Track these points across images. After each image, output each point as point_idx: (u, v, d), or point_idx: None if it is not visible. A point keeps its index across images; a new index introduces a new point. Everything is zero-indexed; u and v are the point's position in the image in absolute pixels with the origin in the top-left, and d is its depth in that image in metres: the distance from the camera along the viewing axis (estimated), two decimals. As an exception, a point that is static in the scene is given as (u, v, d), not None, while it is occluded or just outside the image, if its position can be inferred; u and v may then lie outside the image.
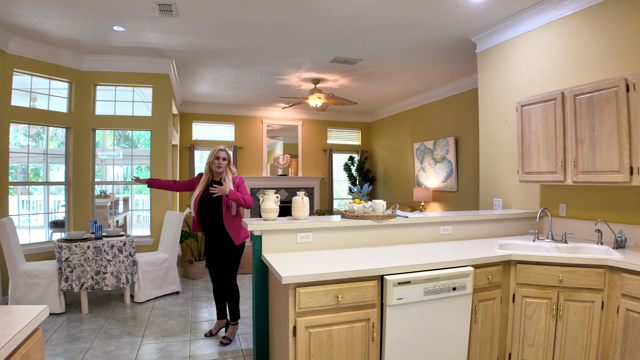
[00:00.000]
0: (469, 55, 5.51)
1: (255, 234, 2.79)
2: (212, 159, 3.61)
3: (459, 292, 2.71)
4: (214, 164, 3.59)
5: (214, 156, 3.61)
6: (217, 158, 3.60)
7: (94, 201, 5.64)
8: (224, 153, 3.63)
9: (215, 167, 3.59)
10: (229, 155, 3.68)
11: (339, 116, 10.03)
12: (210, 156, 3.63)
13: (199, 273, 5.83)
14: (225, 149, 3.67)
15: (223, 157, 3.61)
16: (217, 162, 3.59)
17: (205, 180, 3.68)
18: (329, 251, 2.93)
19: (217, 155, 3.61)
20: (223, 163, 3.60)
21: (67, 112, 5.42)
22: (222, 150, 3.63)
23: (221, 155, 3.61)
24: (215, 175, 3.67)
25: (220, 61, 5.72)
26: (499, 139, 4.60)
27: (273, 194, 3.04)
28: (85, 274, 4.27)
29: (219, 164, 3.59)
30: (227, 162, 3.65)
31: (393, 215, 3.22)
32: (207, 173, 3.68)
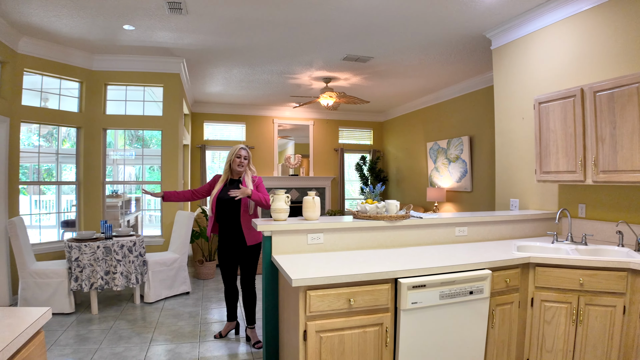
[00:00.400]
0: (483, 52, 5.39)
1: (265, 234, 2.72)
2: (232, 157, 3.57)
3: (476, 296, 2.61)
4: (235, 163, 3.55)
5: (235, 154, 3.57)
6: (239, 157, 3.57)
7: (105, 201, 5.63)
8: (244, 152, 3.60)
9: (236, 166, 3.55)
10: (249, 154, 3.65)
11: (351, 115, 9.94)
12: (231, 154, 3.58)
13: (210, 273, 5.79)
14: (246, 148, 3.64)
15: (244, 156, 3.58)
16: (239, 160, 3.55)
17: (224, 179, 3.64)
18: (341, 253, 2.84)
19: (238, 153, 3.57)
20: (244, 162, 3.58)
21: (77, 112, 5.42)
22: (243, 148, 3.60)
23: (242, 154, 3.57)
24: (234, 174, 3.63)
25: (231, 60, 5.68)
26: (516, 137, 4.47)
27: (283, 193, 2.97)
28: (95, 274, 4.25)
29: (240, 163, 3.55)
30: (247, 160, 3.61)
31: (407, 216, 3.13)
32: (226, 172, 3.64)
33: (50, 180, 8.35)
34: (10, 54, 4.56)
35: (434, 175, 7.92)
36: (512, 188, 4.58)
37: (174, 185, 5.72)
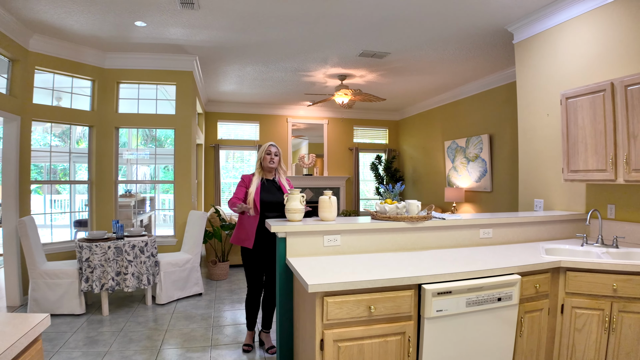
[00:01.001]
0: (504, 47, 5.19)
1: (279, 235, 2.58)
2: (263, 155, 3.41)
3: (504, 303, 2.43)
4: (266, 160, 3.40)
5: (265, 151, 3.41)
6: (269, 153, 3.41)
7: (117, 200, 5.57)
8: (274, 148, 3.44)
9: (267, 163, 3.39)
10: (280, 151, 3.49)
11: (366, 114, 9.77)
12: (261, 152, 3.43)
13: (223, 274, 5.68)
14: (276, 145, 3.49)
15: (275, 152, 3.43)
16: (269, 157, 3.40)
17: (259, 178, 3.44)
18: (359, 256, 2.69)
19: (268, 150, 3.42)
20: (275, 159, 3.42)
21: (89, 111, 5.36)
22: (273, 145, 3.45)
23: (273, 151, 3.42)
24: (266, 172, 3.47)
25: (244, 57, 5.56)
26: (540, 135, 4.28)
27: (298, 193, 2.83)
28: (106, 275, 4.17)
29: (272, 159, 3.40)
30: (278, 157, 3.45)
31: (429, 217, 2.96)
32: (259, 171, 3.46)
33: (63, 179, 8.37)
34: (21, 52, 4.51)
35: (452, 175, 7.71)
36: (537, 188, 4.38)
37: (186, 185, 5.63)
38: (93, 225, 5.35)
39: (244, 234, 3.39)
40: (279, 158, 3.46)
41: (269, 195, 3.37)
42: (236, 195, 3.39)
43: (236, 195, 3.38)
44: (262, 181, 3.43)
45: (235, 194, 3.40)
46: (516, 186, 6.14)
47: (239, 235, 3.43)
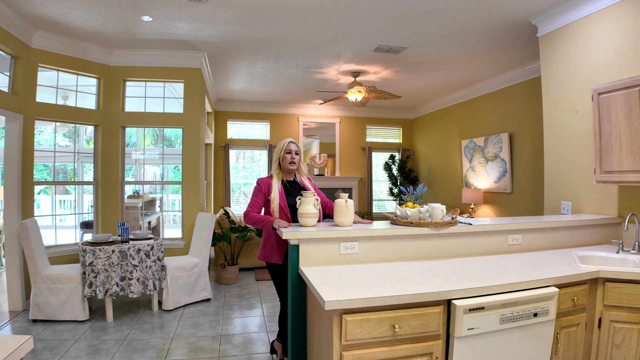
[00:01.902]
0: (526, 41, 4.92)
1: (291, 242, 2.36)
2: (282, 154, 2.98)
3: (540, 319, 2.19)
4: (286, 160, 2.97)
5: (284, 150, 2.97)
6: (289, 152, 2.97)
7: (124, 202, 5.40)
8: (294, 145, 3.01)
9: (287, 164, 2.96)
10: (300, 149, 3.06)
11: (379, 113, 9.52)
12: (279, 151, 2.99)
13: (232, 278, 5.49)
14: (296, 143, 3.05)
15: (295, 151, 3.00)
16: (290, 156, 2.96)
17: (278, 180, 3.00)
18: (379, 265, 2.46)
19: (287, 148, 2.98)
20: (296, 158, 2.99)
21: (95, 109, 5.20)
22: (293, 142, 3.02)
23: (293, 149, 2.99)
24: (286, 173, 3.04)
25: (254, 54, 5.36)
26: (568, 133, 4.02)
27: (312, 195, 2.60)
28: (110, 280, 3.99)
29: (292, 159, 2.97)
30: (300, 156, 3.04)
31: (454, 222, 2.72)
32: (277, 173, 3.02)
33: (69, 180, 8.25)
34: (23, 49, 4.36)
35: (469, 175, 7.43)
36: (564, 189, 4.12)
37: (195, 186, 5.44)
38: (98, 227, 5.19)
39: (270, 248, 2.92)
40: (299, 157, 3.04)
41: (293, 199, 2.92)
42: (253, 204, 2.92)
43: (253, 205, 2.92)
44: (283, 184, 3.02)
45: (252, 204, 2.93)
46: (538, 187, 5.88)
47: (265, 251, 2.97)
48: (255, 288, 5.28)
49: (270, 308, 4.52)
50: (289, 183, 3.06)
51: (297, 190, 3.02)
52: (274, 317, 4.26)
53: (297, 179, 3.11)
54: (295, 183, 3.09)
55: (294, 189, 3.04)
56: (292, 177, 3.11)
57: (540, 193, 5.84)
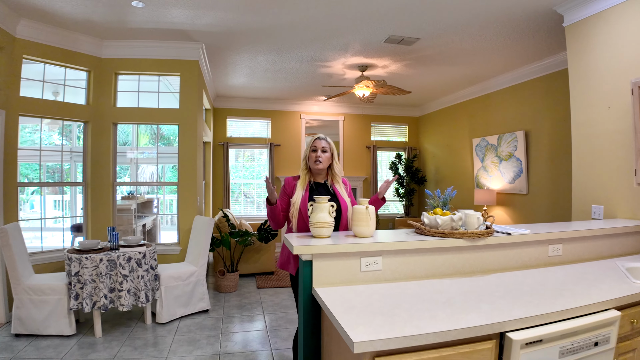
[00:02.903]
0: (547, 32, 4.60)
1: (303, 258, 1.98)
2: (307, 153, 2.65)
3: (601, 348, 1.85)
4: (311, 159, 2.62)
5: (310, 148, 2.64)
6: (315, 150, 2.62)
7: (115, 204, 5.02)
8: (323, 142, 2.64)
9: (312, 163, 2.61)
10: (331, 147, 2.67)
11: (384, 110, 9.14)
12: (307, 149, 2.67)
13: (232, 286, 5.11)
14: (326, 138, 2.67)
15: (322, 148, 2.62)
16: (315, 155, 2.61)
17: (305, 181, 2.65)
18: (407, 284, 2.08)
19: (314, 145, 2.63)
20: (323, 156, 2.61)
21: (85, 104, 4.82)
22: (322, 139, 2.65)
23: (320, 146, 2.62)
24: (315, 174, 2.69)
25: (256, 45, 4.98)
26: (599, 131, 3.67)
27: (327, 201, 2.23)
28: (98, 292, 3.62)
29: (317, 158, 2.60)
30: (329, 154, 2.65)
31: (491, 232, 2.35)
32: (304, 174, 2.67)
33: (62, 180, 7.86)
34: (6, 39, 3.98)
35: (481, 175, 7.06)
36: (595, 192, 3.77)
37: (192, 187, 5.07)
38: (88, 232, 4.82)
39: (285, 254, 2.60)
40: (329, 155, 2.64)
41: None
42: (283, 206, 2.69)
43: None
44: (310, 186, 2.67)
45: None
46: (557, 189, 5.53)
47: (282, 257, 2.65)
48: (256, 297, 4.91)
49: (273, 320, 4.15)
50: (318, 186, 2.68)
51: (323, 194, 2.63)
52: (277, 331, 3.89)
53: (328, 182, 2.72)
54: (325, 186, 2.70)
55: (321, 192, 2.65)
56: (323, 179, 2.72)
57: (559, 195, 5.49)
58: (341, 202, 2.62)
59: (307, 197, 2.59)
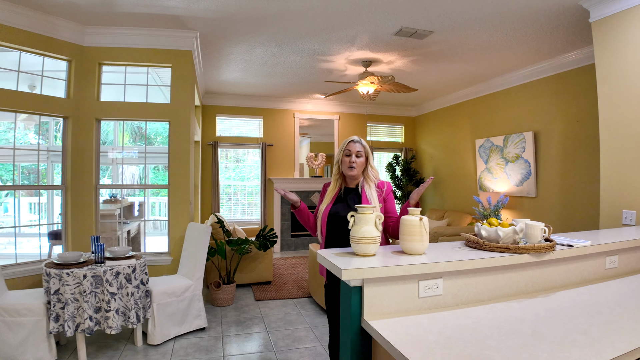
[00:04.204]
0: (567, 29, 4.40)
1: (351, 283, 1.59)
2: (341, 157, 2.43)
3: None
4: (345, 163, 2.40)
5: (344, 152, 2.41)
6: (349, 154, 2.39)
7: (98, 209, 4.53)
8: (358, 145, 2.41)
9: (346, 169, 2.39)
10: (366, 150, 2.44)
11: (379, 109, 8.82)
12: (339, 152, 2.45)
13: (228, 299, 4.67)
14: (361, 141, 2.44)
15: (357, 152, 2.40)
16: (349, 160, 2.39)
17: (335, 187, 2.46)
18: (472, 310, 1.72)
19: (347, 149, 2.40)
20: (358, 161, 2.39)
21: (64, 98, 4.33)
22: (356, 142, 2.42)
23: (354, 150, 2.39)
24: (349, 179, 2.47)
25: (256, 35, 4.57)
26: (631, 132, 3.45)
27: (373, 211, 1.85)
28: (82, 313, 3.15)
29: (352, 163, 2.38)
30: (363, 159, 2.42)
31: (554, 245, 2.01)
32: (336, 178, 2.48)
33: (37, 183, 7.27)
34: (-28, 19, 3.48)
35: (484, 177, 6.79)
36: (626, 196, 3.54)
37: (184, 191, 4.62)
38: (68, 241, 4.32)
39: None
40: (363, 159, 2.42)
41: (342, 208, 2.39)
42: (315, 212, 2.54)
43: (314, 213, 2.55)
44: (341, 191, 2.47)
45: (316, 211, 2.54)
46: (568, 191, 5.30)
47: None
48: (256, 311, 4.48)
49: (279, 339, 3.74)
50: (347, 190, 2.47)
51: (353, 199, 2.42)
52: (286, 352, 3.48)
53: (359, 187, 2.44)
54: (355, 191, 2.45)
55: (351, 197, 2.43)
56: (356, 183, 2.47)
57: (571, 198, 5.26)
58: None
59: (331, 206, 2.42)
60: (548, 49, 5.01)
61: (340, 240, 2.34)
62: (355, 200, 2.41)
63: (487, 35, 4.57)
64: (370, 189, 2.40)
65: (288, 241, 8.23)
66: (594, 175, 4.96)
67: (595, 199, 4.93)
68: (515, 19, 4.12)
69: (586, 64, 5.03)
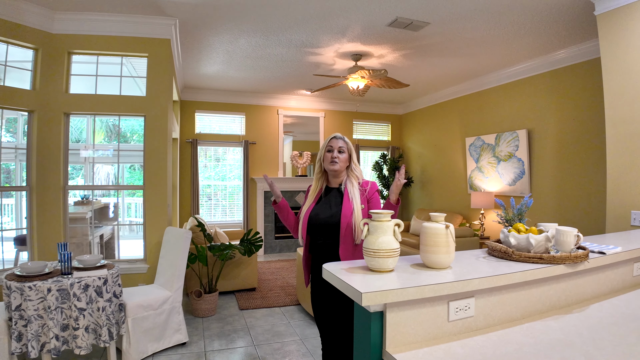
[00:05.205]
0: (566, 24, 4.28)
1: (371, 309, 1.31)
2: (323, 153, 2.32)
3: None
4: (327, 159, 2.29)
5: (326, 148, 2.31)
6: (330, 149, 2.29)
7: (67, 212, 4.14)
8: (340, 142, 2.31)
9: (328, 164, 2.28)
10: (348, 147, 2.33)
11: (365, 107, 8.57)
12: (321, 149, 2.34)
13: (210, 309, 4.33)
14: (344, 138, 2.34)
15: (339, 148, 2.29)
16: (331, 155, 2.28)
17: (317, 187, 2.34)
18: (507, 333, 1.46)
19: (329, 145, 2.30)
20: (340, 157, 2.27)
21: (30, 90, 3.92)
22: (339, 138, 2.32)
23: (336, 146, 2.29)
24: (330, 177, 2.35)
25: (240, 23, 4.24)
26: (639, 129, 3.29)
27: (389, 218, 1.58)
28: (47, 331, 2.78)
29: (333, 159, 2.26)
30: (346, 155, 2.30)
31: (587, 254, 1.78)
32: (318, 177, 2.36)
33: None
34: None
35: (475, 177, 6.61)
36: (635, 196, 3.39)
37: (161, 192, 4.27)
38: (34, 247, 3.92)
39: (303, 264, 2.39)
40: (346, 156, 2.30)
41: (322, 209, 2.26)
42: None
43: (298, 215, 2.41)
44: (322, 191, 2.35)
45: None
46: (563, 190, 5.17)
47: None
48: (241, 321, 4.16)
49: (268, 354, 3.43)
50: (330, 191, 2.34)
51: (335, 199, 2.28)
52: (276, 367, 3.18)
53: (342, 187, 2.30)
54: (337, 191, 2.31)
55: (332, 197, 2.29)
56: (339, 182, 2.34)
57: (566, 197, 5.13)
58: (344, 205, 2.18)
59: (312, 207, 2.30)
60: (545, 44, 4.85)
61: (322, 246, 2.23)
62: (338, 199, 2.26)
63: (485, 28, 4.36)
64: (353, 187, 2.26)
65: (272, 244, 7.90)
66: (591, 174, 4.82)
67: (593, 199, 4.79)
68: (515, 11, 3.94)
69: (583, 60, 4.89)
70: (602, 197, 4.53)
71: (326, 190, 2.34)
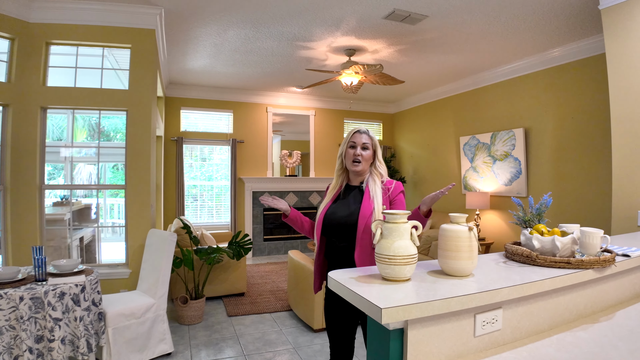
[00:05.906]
0: (567, 19, 4.18)
1: (390, 326, 1.13)
2: (344, 149, 2.12)
3: None
4: (349, 156, 2.09)
5: (348, 143, 2.10)
6: (353, 146, 2.09)
7: (44, 213, 3.88)
8: (364, 137, 2.10)
9: (350, 163, 2.09)
10: (373, 143, 2.12)
11: (357, 105, 8.42)
12: (343, 145, 2.13)
13: (197, 316, 4.11)
14: (368, 132, 2.12)
15: (363, 145, 2.08)
16: (353, 153, 2.08)
17: (337, 184, 2.15)
18: (537, 346, 1.30)
19: (352, 141, 2.10)
20: (364, 155, 2.07)
21: (5, 82, 3.66)
22: (362, 132, 2.10)
23: (359, 142, 2.09)
24: (351, 175, 2.16)
25: (229, 13, 4.03)
26: (647, 126, 3.19)
27: (405, 220, 1.40)
28: (20, 343, 2.54)
29: (357, 156, 2.07)
30: (370, 152, 2.10)
31: (614, 257, 1.63)
32: (339, 173, 2.16)
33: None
34: None
35: (470, 177, 6.50)
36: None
37: (144, 192, 4.03)
38: (8, 252, 3.65)
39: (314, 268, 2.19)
40: (370, 152, 2.09)
41: (340, 208, 2.06)
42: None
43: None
44: (342, 189, 2.15)
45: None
46: (561, 190, 5.07)
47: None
48: (229, 329, 3.95)
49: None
50: (349, 188, 2.15)
51: (353, 197, 2.08)
52: (268, 378, 2.98)
53: (363, 185, 2.11)
54: (357, 189, 2.11)
55: (352, 195, 2.10)
56: (360, 180, 2.15)
57: (565, 197, 5.03)
58: (363, 203, 1.99)
59: (329, 206, 2.11)
60: (544, 41, 4.74)
61: (338, 248, 2.03)
62: (358, 198, 2.06)
63: (484, 23, 4.23)
64: (376, 185, 2.05)
65: (261, 246, 7.69)
66: (591, 174, 4.72)
67: (594, 200, 4.69)
68: (516, 5, 3.81)
69: (582, 57, 4.80)
70: (604, 197, 4.43)
71: (346, 188, 2.15)
